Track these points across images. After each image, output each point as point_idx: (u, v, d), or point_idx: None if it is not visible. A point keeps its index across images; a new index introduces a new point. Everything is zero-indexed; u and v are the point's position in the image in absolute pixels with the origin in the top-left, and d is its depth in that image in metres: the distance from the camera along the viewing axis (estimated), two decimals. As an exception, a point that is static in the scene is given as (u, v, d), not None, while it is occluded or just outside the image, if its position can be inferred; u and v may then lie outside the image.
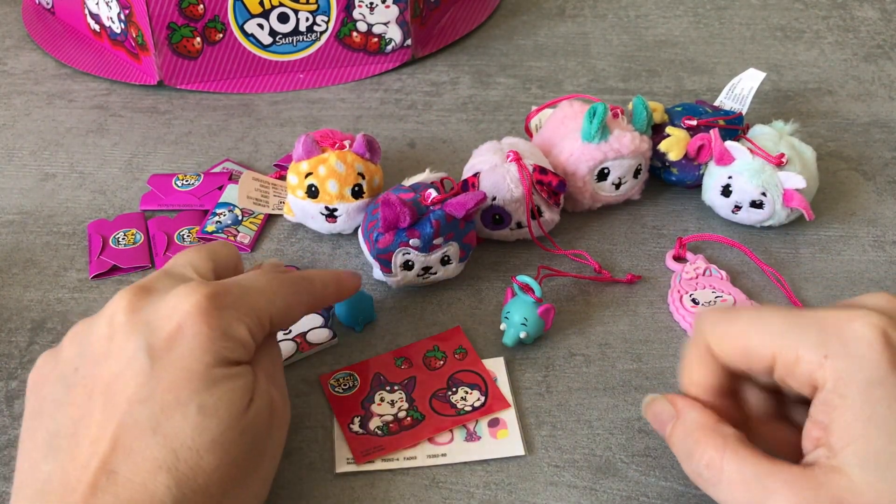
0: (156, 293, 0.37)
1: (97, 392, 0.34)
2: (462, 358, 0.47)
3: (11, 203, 0.59)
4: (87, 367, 0.35)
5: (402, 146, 0.63)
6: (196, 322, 0.35)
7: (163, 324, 0.35)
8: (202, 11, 0.65)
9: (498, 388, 0.45)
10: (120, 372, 0.34)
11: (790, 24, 0.77)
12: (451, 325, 0.49)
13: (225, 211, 0.56)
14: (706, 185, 0.54)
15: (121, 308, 0.36)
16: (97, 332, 0.36)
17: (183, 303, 0.36)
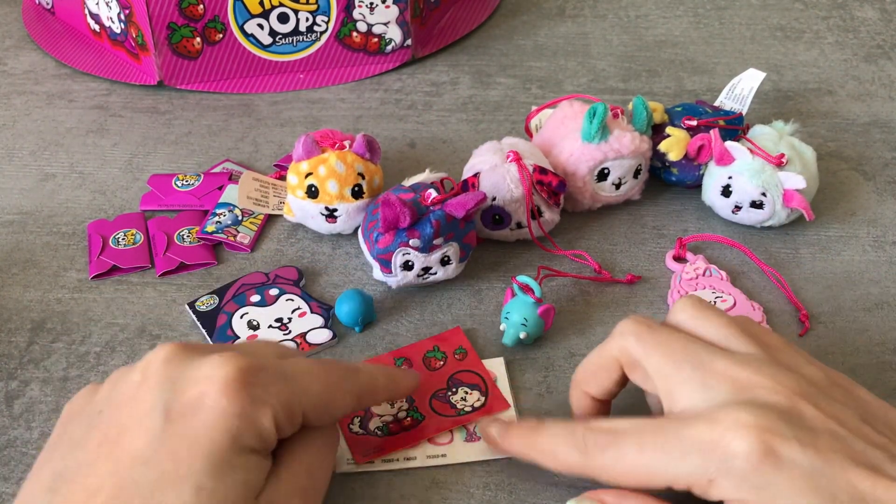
0: (198, 354, 0.35)
1: (108, 441, 0.33)
2: (462, 358, 0.47)
3: (11, 203, 0.59)
4: (109, 411, 0.34)
5: (402, 146, 0.63)
6: (219, 394, 0.33)
7: (187, 386, 0.33)
8: (202, 11, 0.65)
9: (498, 389, 0.45)
10: (132, 426, 0.33)
11: (790, 25, 0.77)
12: (452, 325, 0.49)
13: (225, 211, 0.56)
14: (706, 186, 0.54)
15: (157, 359, 0.35)
16: (130, 377, 0.35)
17: (214, 370, 0.34)
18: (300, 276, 0.52)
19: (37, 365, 0.48)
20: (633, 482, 0.35)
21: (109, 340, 0.49)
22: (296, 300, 0.50)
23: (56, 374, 0.47)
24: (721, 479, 0.33)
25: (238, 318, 0.49)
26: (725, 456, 0.33)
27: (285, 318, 0.49)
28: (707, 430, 0.33)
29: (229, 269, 0.53)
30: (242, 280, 0.52)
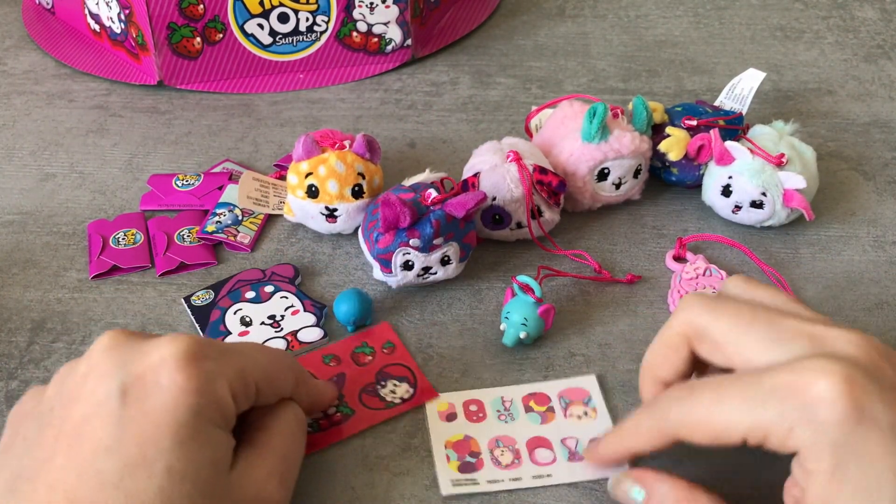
0: (141, 338, 0.35)
1: (64, 434, 0.32)
2: (391, 352, 0.47)
3: (11, 203, 0.59)
4: (61, 406, 0.33)
5: (402, 146, 0.63)
6: (174, 372, 0.33)
7: (139, 368, 0.33)
8: (202, 11, 0.65)
9: (426, 379, 0.45)
10: (89, 415, 0.32)
11: (790, 25, 0.77)
12: (452, 325, 0.49)
13: (225, 211, 0.56)
14: (706, 185, 0.54)
15: (101, 347, 0.34)
16: (77, 370, 0.34)
17: (163, 348, 0.33)
18: (296, 274, 0.52)
19: (37, 365, 0.48)
20: (709, 434, 0.34)
21: (109, 340, 0.49)
22: (290, 298, 0.50)
23: (56, 374, 0.47)
24: (801, 429, 0.32)
25: (231, 313, 0.49)
26: (808, 402, 0.32)
27: (278, 316, 0.49)
28: (789, 376, 0.32)
29: (229, 268, 0.53)
30: (238, 276, 0.52)
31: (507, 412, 0.44)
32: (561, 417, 0.44)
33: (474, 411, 0.44)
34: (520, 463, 0.41)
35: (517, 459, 0.42)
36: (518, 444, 0.42)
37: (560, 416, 0.44)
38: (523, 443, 0.42)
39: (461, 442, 0.42)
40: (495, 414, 0.44)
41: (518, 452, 0.42)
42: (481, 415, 0.44)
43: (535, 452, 0.42)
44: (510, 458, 0.42)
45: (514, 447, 0.42)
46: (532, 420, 0.43)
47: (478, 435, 0.43)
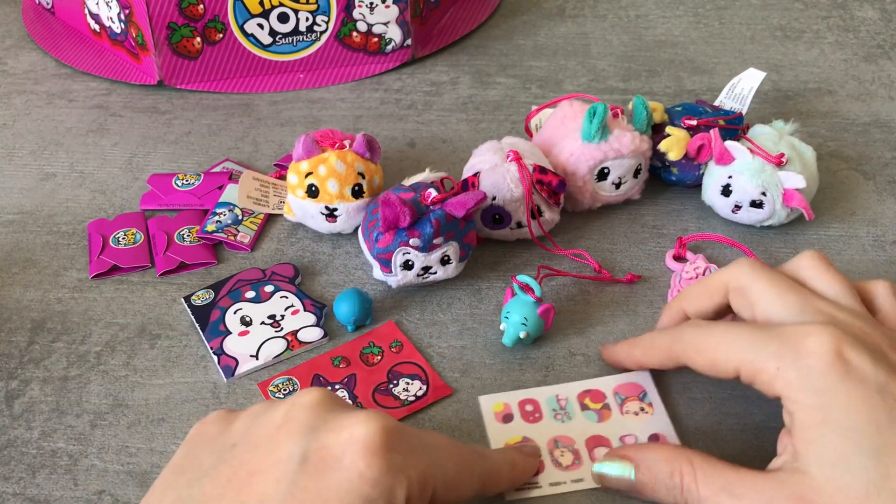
0: (343, 407, 0.34)
1: (237, 479, 0.32)
2: (399, 351, 0.47)
3: (11, 202, 0.59)
4: (244, 448, 0.33)
5: (402, 146, 0.63)
6: (359, 456, 0.32)
7: (328, 441, 0.32)
8: (202, 11, 0.65)
9: (438, 376, 0.45)
10: (266, 469, 0.32)
11: (790, 24, 0.77)
12: (452, 325, 0.49)
13: (225, 210, 0.56)
14: (706, 185, 0.54)
15: (303, 403, 0.34)
16: (272, 416, 0.34)
17: (356, 427, 0.32)
18: (296, 274, 0.52)
19: (37, 364, 0.48)
20: (709, 362, 0.38)
21: (110, 340, 0.49)
22: (290, 297, 0.50)
23: (56, 374, 0.47)
24: (787, 371, 0.35)
25: (231, 313, 0.49)
26: (800, 349, 0.35)
27: (278, 315, 0.49)
28: (790, 329, 0.36)
29: (229, 268, 0.53)
30: (238, 276, 0.52)
31: (563, 411, 0.43)
32: (617, 414, 0.43)
33: (530, 411, 0.43)
34: (580, 463, 0.41)
35: (577, 460, 0.41)
36: (577, 443, 0.42)
37: (616, 412, 0.43)
38: (582, 442, 0.42)
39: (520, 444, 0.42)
40: (551, 413, 0.43)
41: (577, 453, 0.41)
42: (538, 415, 0.43)
43: (594, 452, 0.41)
44: (570, 458, 0.41)
45: (574, 447, 0.42)
46: (589, 418, 0.43)
47: (536, 436, 0.42)
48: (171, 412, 0.45)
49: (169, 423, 0.44)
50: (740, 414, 0.44)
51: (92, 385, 0.46)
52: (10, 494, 0.41)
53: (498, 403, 0.44)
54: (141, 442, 0.43)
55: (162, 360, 0.48)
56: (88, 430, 0.44)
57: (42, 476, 0.42)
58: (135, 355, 0.48)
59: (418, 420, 0.44)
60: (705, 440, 0.42)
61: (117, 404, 0.45)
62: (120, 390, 0.46)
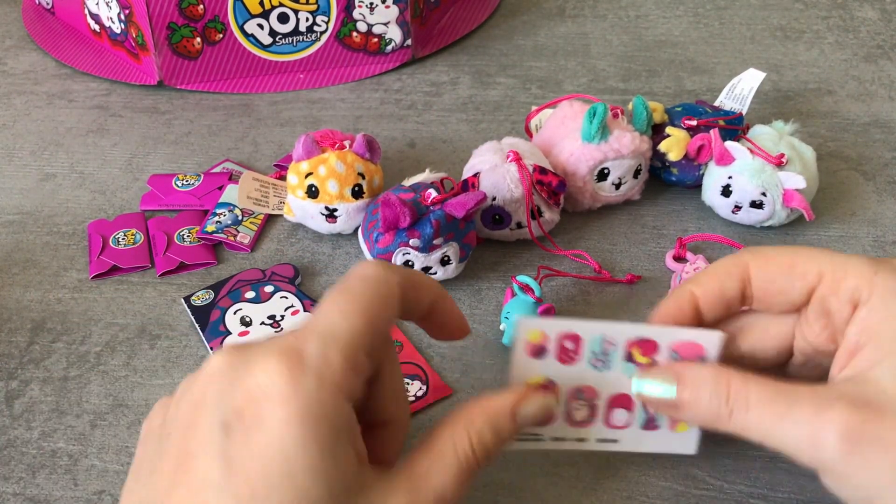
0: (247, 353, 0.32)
1: (180, 467, 0.31)
2: (399, 351, 0.47)
3: (11, 203, 0.59)
4: (177, 434, 0.32)
5: (402, 146, 0.63)
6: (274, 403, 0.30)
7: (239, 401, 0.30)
8: (202, 11, 0.65)
9: (438, 377, 0.45)
10: (197, 451, 0.30)
11: (790, 25, 0.77)
12: (451, 325, 0.49)
13: (225, 211, 0.56)
14: (706, 185, 0.54)
15: (209, 370, 0.32)
16: (192, 394, 0.32)
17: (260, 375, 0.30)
18: (296, 274, 0.52)
19: (37, 365, 0.48)
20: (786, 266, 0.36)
21: (109, 340, 0.49)
22: (290, 298, 0.50)
23: (56, 374, 0.47)
24: (886, 276, 0.34)
25: (231, 313, 0.49)
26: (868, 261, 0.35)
27: (278, 316, 0.49)
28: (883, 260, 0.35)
29: (229, 268, 0.53)
30: (239, 276, 0.52)
31: (605, 356, 0.37)
32: None
33: (569, 349, 0.37)
34: (592, 422, 0.37)
35: (591, 417, 0.37)
36: (599, 399, 0.37)
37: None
38: (605, 399, 0.37)
39: (541, 387, 0.37)
40: (590, 356, 0.37)
41: (595, 409, 0.37)
42: (575, 356, 0.37)
43: (612, 412, 0.37)
44: (585, 414, 0.37)
45: (594, 402, 0.37)
46: (626, 372, 0.37)
47: (562, 381, 0.37)
48: (171, 412, 0.45)
49: (169, 424, 0.44)
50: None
51: (92, 385, 0.46)
52: (10, 494, 0.41)
53: (536, 331, 0.36)
54: (141, 442, 0.43)
55: (162, 361, 0.48)
56: (88, 431, 0.44)
57: (42, 476, 0.42)
58: (135, 355, 0.48)
59: (418, 420, 0.44)
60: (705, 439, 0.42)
61: (117, 404, 0.45)
62: (120, 390, 0.46)
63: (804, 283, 0.35)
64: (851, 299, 0.34)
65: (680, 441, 0.38)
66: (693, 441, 0.38)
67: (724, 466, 0.41)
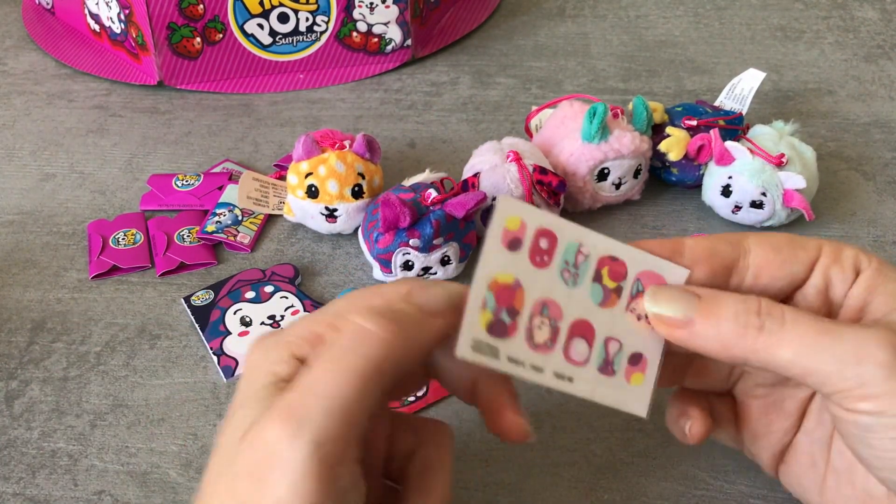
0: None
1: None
2: None
3: (11, 203, 0.59)
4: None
5: (402, 146, 0.63)
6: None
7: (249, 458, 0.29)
8: (202, 11, 0.65)
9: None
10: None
11: (790, 25, 0.77)
12: (451, 325, 0.49)
13: (225, 211, 0.56)
14: (706, 185, 0.54)
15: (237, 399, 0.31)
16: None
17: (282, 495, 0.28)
18: (296, 274, 0.52)
19: (37, 365, 0.48)
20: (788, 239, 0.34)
21: (109, 340, 0.49)
22: (290, 298, 0.50)
23: (56, 374, 0.47)
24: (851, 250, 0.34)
25: (231, 313, 0.49)
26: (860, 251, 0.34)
27: (278, 316, 0.49)
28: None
29: (229, 269, 0.53)
30: (239, 276, 0.52)
31: (575, 270, 0.34)
32: (622, 307, 0.35)
33: (543, 250, 0.33)
34: (551, 348, 0.33)
35: (551, 342, 0.33)
36: (562, 321, 0.34)
37: (623, 304, 0.35)
38: (568, 322, 0.34)
39: (508, 288, 0.33)
40: (562, 264, 0.34)
41: (556, 333, 0.34)
42: (547, 258, 0.34)
43: (572, 342, 0.34)
44: (546, 336, 0.33)
45: (557, 324, 0.34)
46: (593, 296, 0.34)
47: (529, 286, 0.33)
48: (170, 412, 0.45)
49: (169, 424, 0.44)
50: (740, 414, 0.44)
51: (92, 385, 0.46)
52: (9, 494, 0.41)
53: (515, 218, 0.33)
54: (141, 442, 0.43)
55: (162, 361, 0.48)
56: (88, 431, 0.44)
57: (42, 476, 0.42)
58: (135, 355, 0.48)
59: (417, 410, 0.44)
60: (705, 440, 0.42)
61: (117, 404, 0.45)
62: (120, 390, 0.46)
63: (806, 253, 0.34)
64: (854, 267, 0.33)
65: (634, 397, 0.35)
66: (645, 402, 0.35)
67: (725, 467, 0.41)
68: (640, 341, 0.35)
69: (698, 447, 0.42)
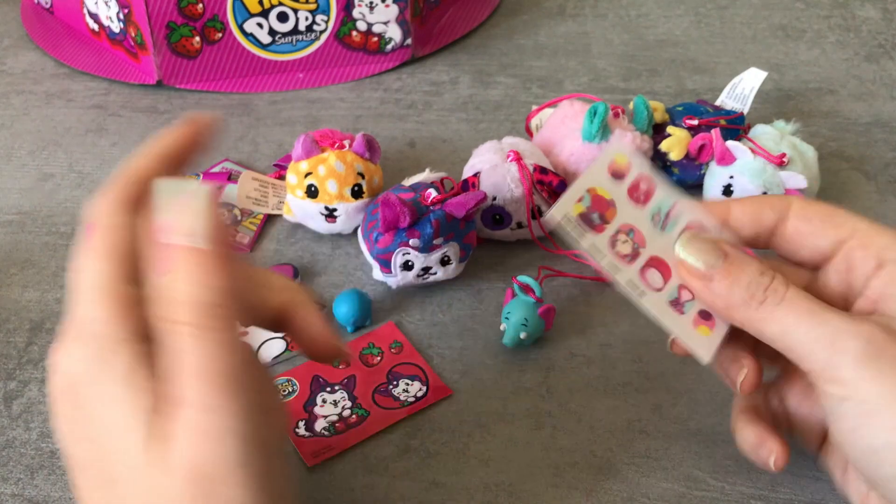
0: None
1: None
2: (398, 351, 0.47)
3: (10, 203, 0.58)
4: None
5: (402, 146, 0.63)
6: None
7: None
8: (201, 10, 0.65)
9: (438, 377, 0.45)
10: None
11: (791, 24, 0.76)
12: (452, 326, 0.49)
13: (224, 211, 0.56)
14: (707, 185, 0.54)
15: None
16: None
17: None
18: (296, 274, 0.52)
19: (35, 365, 0.47)
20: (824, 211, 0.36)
21: (108, 341, 0.49)
22: (295, 300, 0.50)
23: (54, 375, 0.47)
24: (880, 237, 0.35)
25: (236, 317, 0.49)
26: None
27: (284, 318, 0.49)
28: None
29: (228, 269, 0.53)
30: (241, 280, 0.51)
31: (665, 220, 0.37)
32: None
33: (641, 190, 0.37)
34: (630, 263, 0.36)
35: (631, 259, 0.36)
36: (644, 248, 0.36)
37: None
38: (649, 253, 0.36)
39: (604, 200, 0.36)
40: (654, 210, 0.37)
41: (637, 255, 0.36)
42: (643, 199, 0.37)
43: (649, 269, 0.36)
44: (627, 251, 0.36)
45: (638, 249, 0.36)
46: (679, 246, 0.37)
47: (622, 210, 0.36)
48: (169, 413, 0.45)
49: (168, 425, 0.44)
50: (742, 415, 0.43)
51: (90, 386, 0.46)
52: (8, 495, 0.41)
53: (624, 156, 0.37)
54: (139, 443, 0.43)
55: (161, 361, 0.47)
56: (87, 432, 0.44)
57: (41, 477, 0.42)
58: (133, 356, 0.48)
59: (418, 421, 0.44)
60: (705, 440, 0.42)
61: (116, 405, 0.45)
62: (118, 391, 0.46)
63: (837, 232, 0.35)
64: (878, 256, 0.34)
65: (698, 342, 0.36)
66: (710, 350, 0.36)
67: (726, 467, 0.41)
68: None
69: (699, 447, 0.42)
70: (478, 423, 0.44)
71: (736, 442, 0.38)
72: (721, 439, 0.42)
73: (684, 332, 0.36)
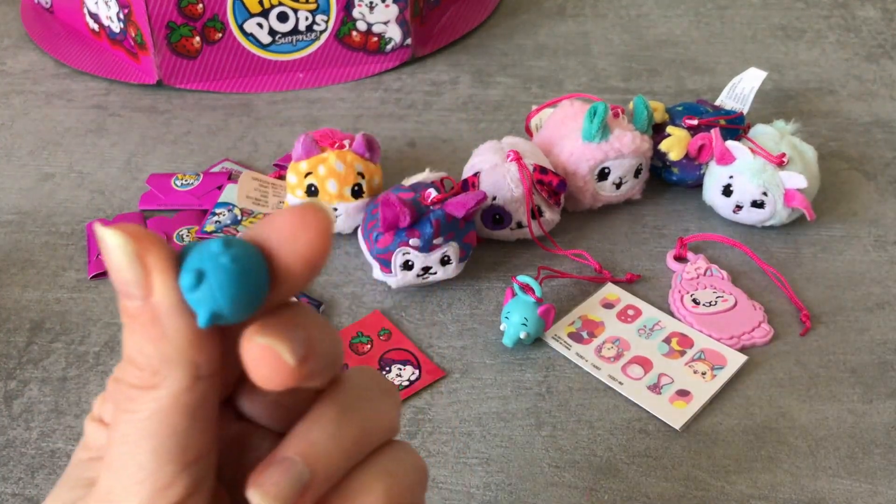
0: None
1: None
2: (387, 339, 0.48)
3: (10, 203, 0.58)
4: None
5: (402, 146, 0.63)
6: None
7: None
8: (201, 10, 0.65)
9: (430, 361, 0.46)
10: None
11: (791, 24, 0.76)
12: (452, 325, 0.49)
13: (224, 210, 0.56)
14: (707, 185, 0.54)
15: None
16: None
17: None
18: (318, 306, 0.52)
19: (36, 365, 0.47)
20: None
21: (108, 340, 0.49)
22: (294, 299, 0.50)
23: (55, 374, 0.47)
24: None
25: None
26: None
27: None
28: None
29: (228, 268, 0.53)
30: (241, 280, 0.51)
31: (650, 332, 0.47)
32: (682, 362, 0.45)
33: (629, 315, 0.48)
34: (613, 362, 0.45)
35: (614, 359, 0.46)
36: (629, 351, 0.46)
37: (684, 360, 0.46)
38: (633, 354, 0.46)
39: (594, 322, 0.48)
40: (640, 325, 0.47)
41: (621, 356, 0.46)
42: (630, 319, 0.48)
43: (631, 365, 0.45)
44: (612, 354, 0.46)
45: (623, 352, 0.46)
46: (660, 348, 0.46)
47: (610, 327, 0.47)
48: (169, 413, 0.45)
49: (168, 424, 0.44)
50: (740, 414, 0.43)
51: (91, 385, 0.46)
52: (8, 495, 0.41)
53: (614, 294, 0.49)
54: (140, 443, 0.43)
55: (161, 361, 0.47)
56: (87, 431, 0.44)
57: (41, 476, 0.42)
58: (134, 356, 0.48)
59: (413, 405, 0.44)
60: (705, 440, 0.42)
61: (116, 405, 0.45)
62: (119, 391, 0.46)
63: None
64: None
65: (672, 414, 0.43)
66: (681, 420, 0.43)
67: (726, 468, 0.41)
68: (692, 384, 0.44)
69: (699, 447, 0.42)
70: (478, 423, 0.44)
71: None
72: (721, 439, 0.42)
73: (657, 407, 0.43)
